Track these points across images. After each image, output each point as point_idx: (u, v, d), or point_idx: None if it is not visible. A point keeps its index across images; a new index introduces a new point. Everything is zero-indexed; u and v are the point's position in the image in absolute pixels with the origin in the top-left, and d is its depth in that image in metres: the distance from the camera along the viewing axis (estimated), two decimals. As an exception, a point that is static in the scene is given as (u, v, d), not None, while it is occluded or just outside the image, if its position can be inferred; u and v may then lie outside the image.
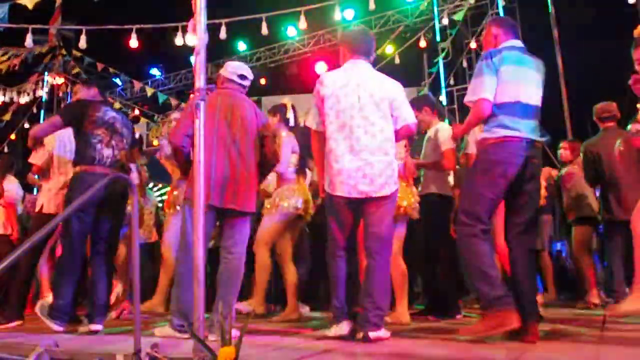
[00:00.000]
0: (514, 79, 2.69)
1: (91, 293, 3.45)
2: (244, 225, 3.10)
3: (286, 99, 4.53)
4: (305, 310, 4.42)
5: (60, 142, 4.18)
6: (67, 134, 4.02)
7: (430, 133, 4.10)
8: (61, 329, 3.28)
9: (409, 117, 2.97)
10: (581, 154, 4.67)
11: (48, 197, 4.13)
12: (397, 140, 2.99)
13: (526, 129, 2.67)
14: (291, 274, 4.01)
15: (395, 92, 2.97)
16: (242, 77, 3.26)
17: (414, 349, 2.48)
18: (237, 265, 3.05)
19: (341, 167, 2.81)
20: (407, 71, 10.94)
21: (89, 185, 3.26)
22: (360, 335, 2.72)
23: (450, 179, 4.14)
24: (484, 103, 2.70)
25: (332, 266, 2.91)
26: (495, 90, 2.70)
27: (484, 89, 2.70)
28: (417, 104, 4.14)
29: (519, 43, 2.87)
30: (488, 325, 2.50)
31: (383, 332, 2.73)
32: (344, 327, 2.78)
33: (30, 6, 6.49)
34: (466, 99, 2.82)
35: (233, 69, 3.28)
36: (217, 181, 2.97)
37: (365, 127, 2.82)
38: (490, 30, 2.94)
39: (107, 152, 3.49)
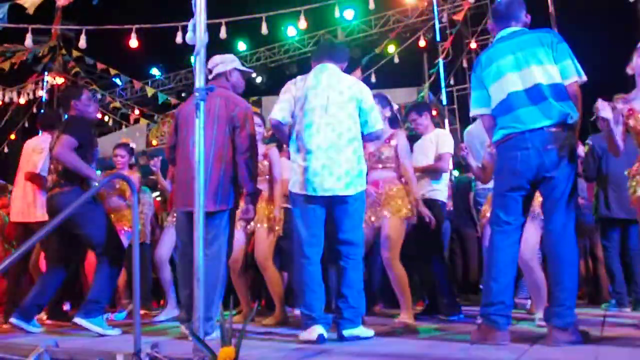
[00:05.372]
0: (495, 80, 2.66)
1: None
2: (210, 225, 2.85)
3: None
4: None
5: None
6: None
7: (430, 137, 4.16)
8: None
9: (377, 123, 2.97)
10: (585, 149, 4.60)
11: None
12: (364, 142, 3.01)
13: (527, 118, 2.52)
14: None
15: (363, 94, 2.94)
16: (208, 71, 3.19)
17: (414, 349, 2.48)
18: (211, 266, 2.86)
19: (307, 164, 2.80)
20: (407, 71, 10.93)
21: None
22: (335, 335, 2.73)
23: (437, 185, 4.12)
24: (482, 119, 2.82)
25: (299, 272, 2.81)
26: (489, 97, 2.71)
27: (475, 104, 2.79)
28: (417, 109, 4.32)
29: (507, 31, 2.73)
30: (477, 336, 2.51)
31: (360, 330, 2.75)
32: (312, 333, 2.63)
33: (31, 11, 6.49)
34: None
35: (209, 64, 3.19)
36: (181, 186, 3.04)
37: (332, 124, 2.82)
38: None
39: (49, 178, 3.54)
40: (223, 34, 7.27)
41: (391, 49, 10.36)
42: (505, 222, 2.59)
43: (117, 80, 12.70)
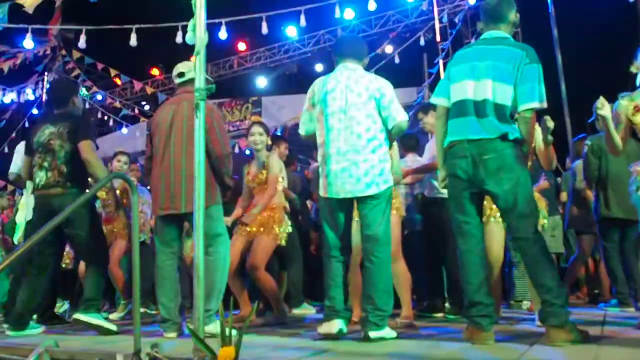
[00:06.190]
0: (456, 81, 2.65)
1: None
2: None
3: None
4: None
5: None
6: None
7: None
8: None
9: (397, 115, 2.90)
10: (585, 150, 4.56)
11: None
12: (391, 138, 2.99)
13: (468, 128, 2.55)
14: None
15: (382, 90, 2.91)
16: (180, 74, 3.33)
17: (414, 349, 2.48)
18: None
19: (329, 168, 2.87)
20: (407, 71, 10.93)
21: (35, 208, 3.49)
22: (361, 335, 2.72)
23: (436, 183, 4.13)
24: (437, 108, 2.78)
25: (327, 267, 2.91)
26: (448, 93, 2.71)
27: (437, 93, 2.78)
28: (423, 108, 4.30)
29: (491, 34, 2.69)
30: (467, 336, 2.54)
31: (386, 332, 2.73)
32: (332, 327, 2.72)
33: (30, 11, 6.51)
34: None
35: (174, 72, 3.37)
36: (156, 192, 3.19)
37: (351, 127, 2.85)
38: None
39: (41, 174, 3.41)
40: (223, 34, 7.28)
41: (391, 49, 10.37)
42: (465, 222, 2.61)
43: (117, 80, 12.69)
